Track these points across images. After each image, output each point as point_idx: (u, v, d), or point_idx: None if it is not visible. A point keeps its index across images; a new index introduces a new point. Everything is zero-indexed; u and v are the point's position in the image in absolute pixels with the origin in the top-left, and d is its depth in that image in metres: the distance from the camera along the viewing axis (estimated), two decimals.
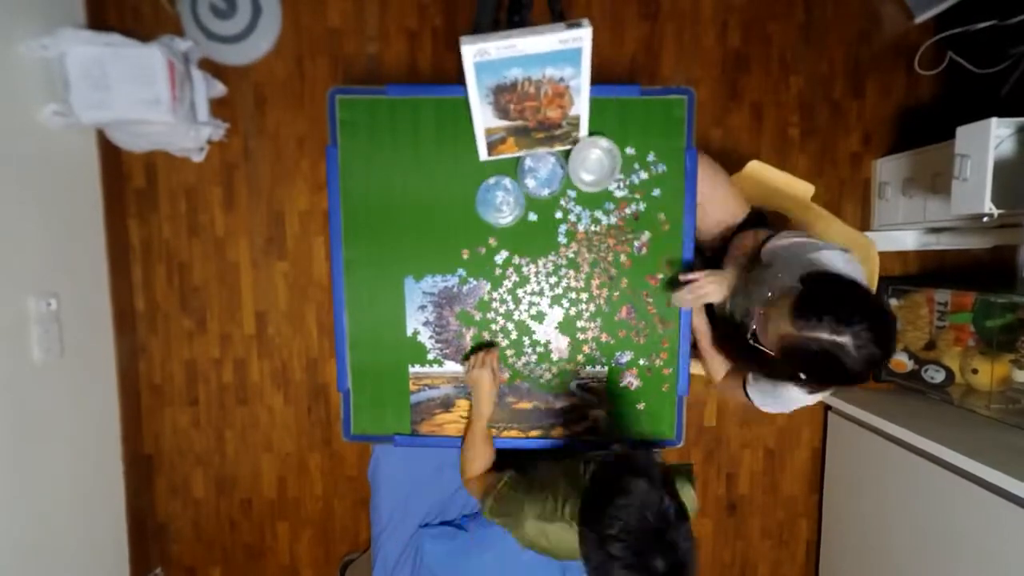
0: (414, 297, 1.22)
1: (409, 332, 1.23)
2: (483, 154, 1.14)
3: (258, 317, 1.94)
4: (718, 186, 1.23)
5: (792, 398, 1.13)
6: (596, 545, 0.80)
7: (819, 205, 1.35)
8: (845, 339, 0.84)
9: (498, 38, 0.93)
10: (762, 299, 1.00)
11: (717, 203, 1.24)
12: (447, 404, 1.25)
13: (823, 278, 0.92)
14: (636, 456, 0.89)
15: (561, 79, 1.01)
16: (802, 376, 0.91)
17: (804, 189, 1.34)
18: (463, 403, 1.25)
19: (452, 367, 1.24)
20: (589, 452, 1.19)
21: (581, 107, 1.07)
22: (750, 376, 1.15)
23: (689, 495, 1.07)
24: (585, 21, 0.93)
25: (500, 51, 0.94)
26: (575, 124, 1.10)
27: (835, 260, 0.97)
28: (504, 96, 1.02)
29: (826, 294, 0.89)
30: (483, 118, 1.07)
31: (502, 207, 1.19)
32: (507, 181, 1.18)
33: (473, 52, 0.94)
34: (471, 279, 1.22)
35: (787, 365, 0.93)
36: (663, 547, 0.77)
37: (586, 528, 0.83)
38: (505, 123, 1.08)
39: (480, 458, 1.19)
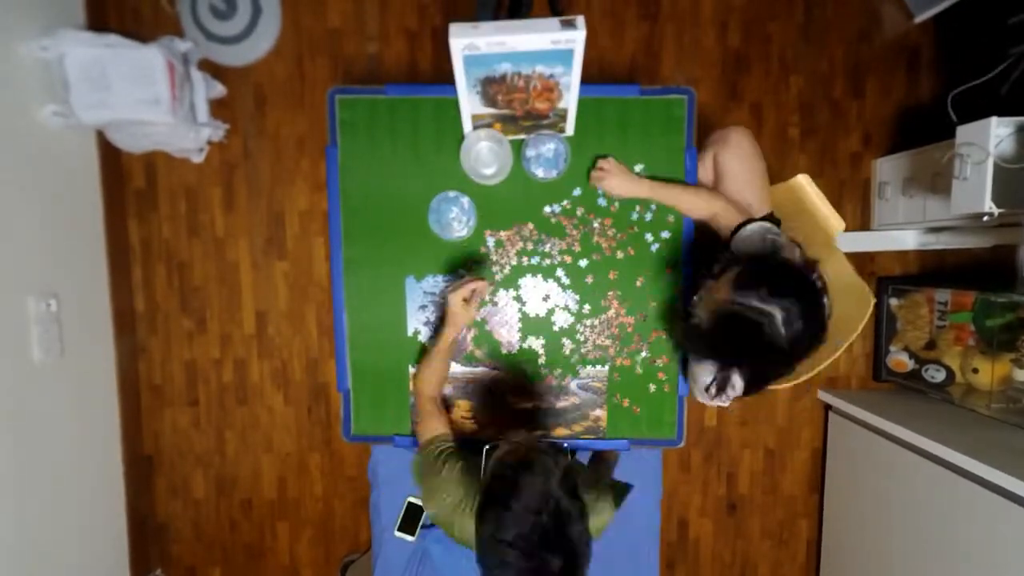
0: (415, 297, 1.22)
1: (410, 332, 1.23)
2: (467, 128, 1.13)
3: (258, 317, 1.94)
4: (756, 172, 1.18)
5: (698, 377, 1.09)
6: (491, 548, 0.79)
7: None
8: (774, 309, 0.86)
9: (489, 32, 0.91)
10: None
11: (751, 186, 1.16)
12: (447, 405, 1.25)
13: (770, 257, 0.95)
14: (533, 453, 0.86)
15: (551, 75, 1.00)
16: (721, 347, 0.94)
17: (836, 224, 1.31)
18: (463, 403, 1.25)
19: (452, 367, 1.24)
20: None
21: (570, 101, 1.06)
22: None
23: (606, 512, 1.04)
24: (580, 21, 0.91)
25: (490, 47, 0.92)
26: (562, 116, 1.10)
27: (789, 247, 0.99)
28: (492, 87, 1.02)
29: (768, 268, 0.91)
30: (470, 105, 1.06)
31: (452, 223, 1.19)
32: (465, 200, 1.18)
33: (462, 46, 0.92)
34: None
35: (712, 334, 0.94)
36: (558, 545, 0.77)
37: (482, 528, 0.81)
38: (492, 110, 1.08)
39: (435, 376, 1.15)
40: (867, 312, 1.25)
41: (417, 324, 1.23)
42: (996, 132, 1.25)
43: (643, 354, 1.24)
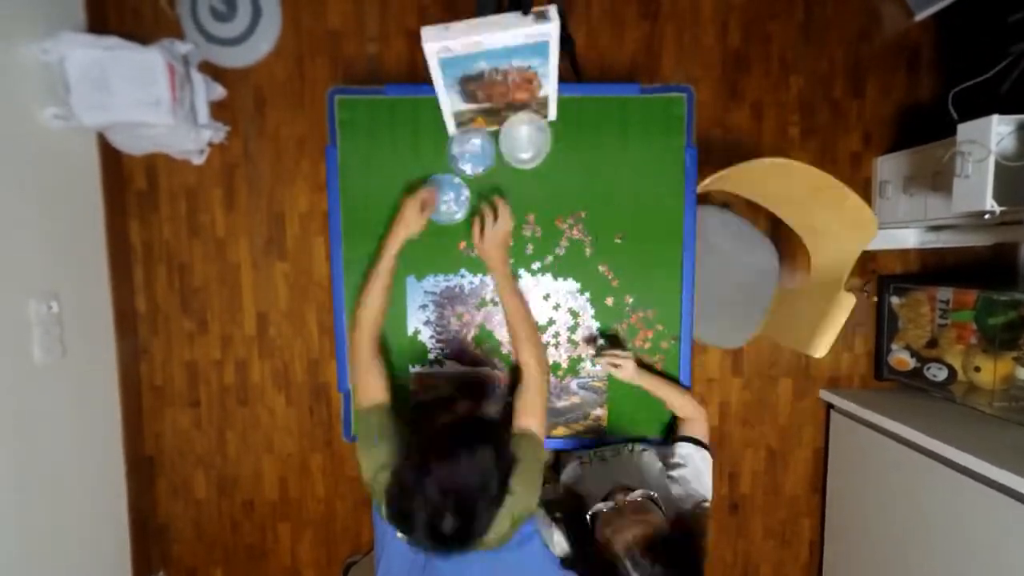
0: (416, 296, 1.22)
1: (410, 332, 1.23)
2: (451, 129, 1.14)
3: (259, 318, 1.94)
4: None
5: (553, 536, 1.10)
6: (415, 473, 0.81)
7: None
8: None
9: (462, 33, 0.89)
10: (623, 486, 1.05)
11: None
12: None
13: (684, 541, 0.99)
14: (493, 426, 0.89)
15: (529, 67, 1.00)
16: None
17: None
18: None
19: (453, 366, 1.24)
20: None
21: (550, 88, 1.07)
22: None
23: (531, 500, 1.01)
24: (552, 11, 0.89)
25: (465, 48, 0.92)
26: (544, 103, 1.11)
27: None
28: (471, 84, 1.02)
29: (675, 553, 0.94)
30: (450, 103, 1.07)
31: (440, 207, 1.18)
32: (458, 182, 1.18)
33: (435, 50, 0.92)
34: (474, 277, 1.21)
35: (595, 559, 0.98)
36: (466, 511, 0.80)
37: (412, 458, 0.83)
38: (473, 106, 1.08)
39: (375, 302, 1.06)
40: (868, 238, 1.25)
41: (417, 324, 1.23)
42: (997, 130, 1.25)
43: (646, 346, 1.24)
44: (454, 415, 0.93)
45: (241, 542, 2.03)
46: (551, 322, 1.24)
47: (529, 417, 1.01)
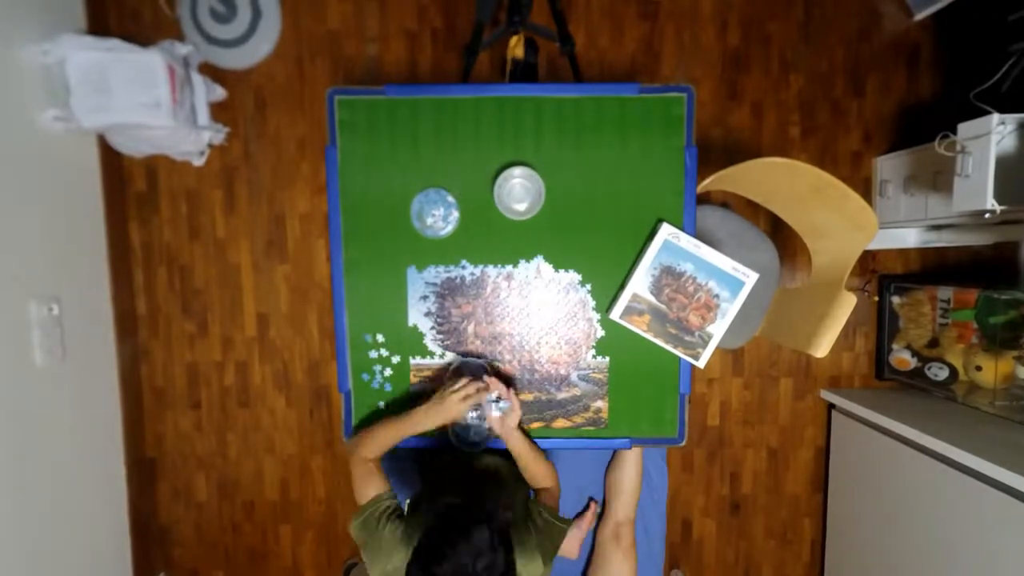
0: (416, 287, 1.21)
1: (410, 323, 1.22)
2: (616, 313, 1.17)
3: (259, 320, 1.94)
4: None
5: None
6: (420, 572, 0.84)
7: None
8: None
9: (690, 241, 1.14)
10: None
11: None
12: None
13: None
14: (483, 506, 0.92)
15: (717, 296, 1.14)
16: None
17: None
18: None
19: (453, 358, 1.23)
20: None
21: (718, 328, 1.15)
22: None
23: (536, 567, 1.03)
24: (752, 276, 1.14)
25: (688, 244, 1.14)
26: (705, 340, 1.17)
27: None
28: (667, 278, 1.13)
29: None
30: (640, 284, 1.15)
31: (430, 220, 1.17)
32: (448, 197, 1.17)
33: (668, 232, 1.14)
34: (475, 268, 1.21)
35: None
36: None
37: (417, 562, 0.86)
38: (652, 299, 1.16)
39: (387, 444, 1.09)
40: (869, 238, 1.25)
41: (418, 315, 1.22)
42: (998, 129, 1.25)
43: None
44: (443, 504, 0.96)
45: (242, 544, 2.03)
46: None
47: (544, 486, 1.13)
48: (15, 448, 1.44)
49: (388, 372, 1.22)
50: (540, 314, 1.23)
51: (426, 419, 1.07)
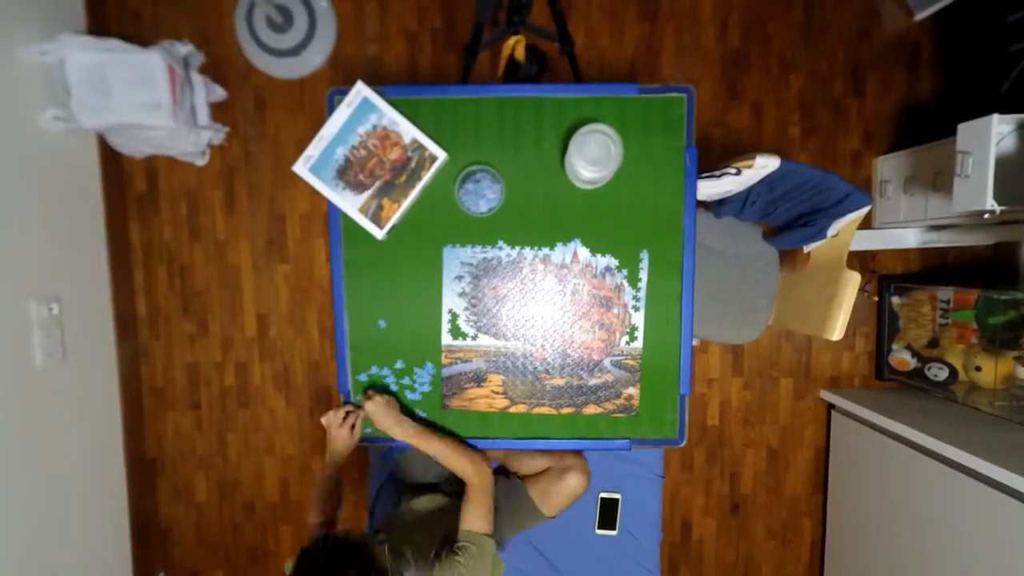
0: (452, 266, 1.19)
1: (445, 303, 1.21)
2: (379, 233, 1.14)
3: (259, 320, 1.94)
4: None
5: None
6: None
7: None
8: None
9: (313, 142, 1.07)
10: None
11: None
12: (479, 379, 1.21)
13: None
14: (348, 542, 0.96)
15: (374, 127, 1.08)
16: None
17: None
18: (495, 377, 1.22)
19: (486, 340, 1.22)
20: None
21: (408, 130, 1.10)
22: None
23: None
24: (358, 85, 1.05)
25: (315, 147, 1.07)
26: (419, 146, 1.12)
27: None
28: (347, 173, 1.09)
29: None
30: (350, 204, 1.11)
31: (479, 198, 1.15)
32: (490, 175, 1.15)
33: (303, 169, 1.07)
34: (512, 249, 1.20)
35: None
36: None
37: None
38: (368, 193, 1.11)
39: (322, 494, 1.19)
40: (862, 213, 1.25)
41: (452, 295, 1.19)
42: (998, 129, 1.25)
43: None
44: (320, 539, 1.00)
45: (242, 544, 2.03)
46: None
47: (471, 520, 1.10)
48: (15, 448, 1.44)
49: (400, 364, 1.23)
50: (575, 298, 1.22)
51: (330, 456, 1.17)
